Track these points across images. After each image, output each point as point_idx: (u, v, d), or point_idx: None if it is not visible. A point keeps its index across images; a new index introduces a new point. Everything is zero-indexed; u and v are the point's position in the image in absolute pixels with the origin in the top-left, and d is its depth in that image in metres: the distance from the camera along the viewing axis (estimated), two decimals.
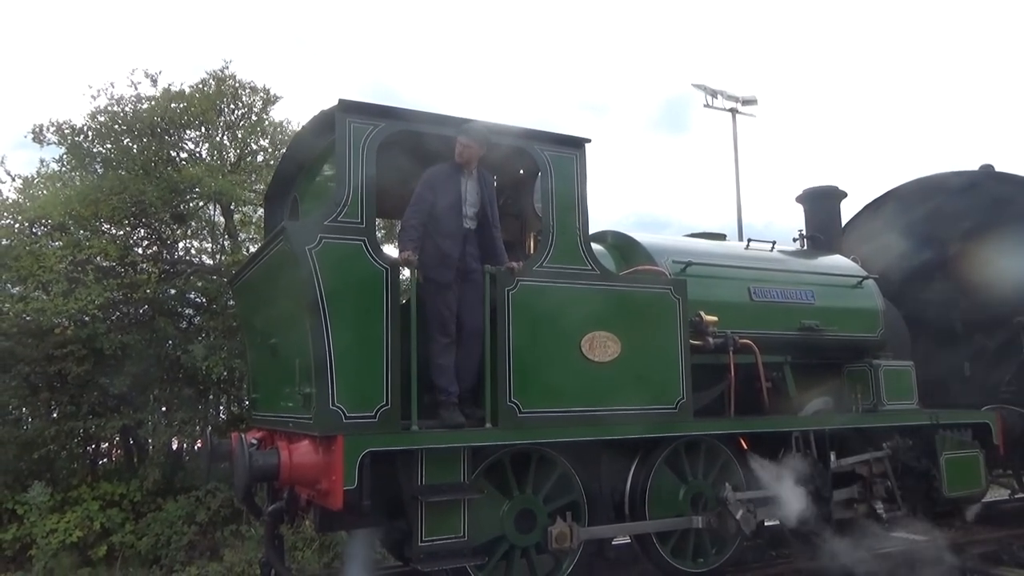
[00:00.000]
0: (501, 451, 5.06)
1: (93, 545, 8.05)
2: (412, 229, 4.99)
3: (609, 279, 5.43)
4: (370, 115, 4.81)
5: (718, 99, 22.32)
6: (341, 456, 4.33)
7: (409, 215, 5.04)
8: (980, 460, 6.88)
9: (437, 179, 5.13)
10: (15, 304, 8.43)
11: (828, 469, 6.25)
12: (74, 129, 9.64)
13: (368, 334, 4.56)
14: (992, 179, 8.52)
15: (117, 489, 8.54)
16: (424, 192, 5.07)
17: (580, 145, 5.45)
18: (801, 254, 7.49)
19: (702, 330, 5.85)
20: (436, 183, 5.11)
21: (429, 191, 5.08)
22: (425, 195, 5.06)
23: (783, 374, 6.58)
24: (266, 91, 10.37)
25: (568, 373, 5.07)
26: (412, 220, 5.01)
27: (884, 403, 6.58)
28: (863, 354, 6.87)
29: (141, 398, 8.94)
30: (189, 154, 10.15)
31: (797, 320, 6.53)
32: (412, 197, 5.10)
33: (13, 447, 8.32)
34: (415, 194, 5.09)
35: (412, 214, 5.03)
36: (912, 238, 8.53)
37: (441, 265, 5.03)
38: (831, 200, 8.14)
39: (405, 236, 4.99)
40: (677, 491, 5.75)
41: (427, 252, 4.99)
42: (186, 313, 9.97)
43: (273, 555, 5.37)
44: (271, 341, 5.40)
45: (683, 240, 7.02)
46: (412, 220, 5.01)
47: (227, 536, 8.32)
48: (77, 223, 9.01)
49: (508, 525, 5.10)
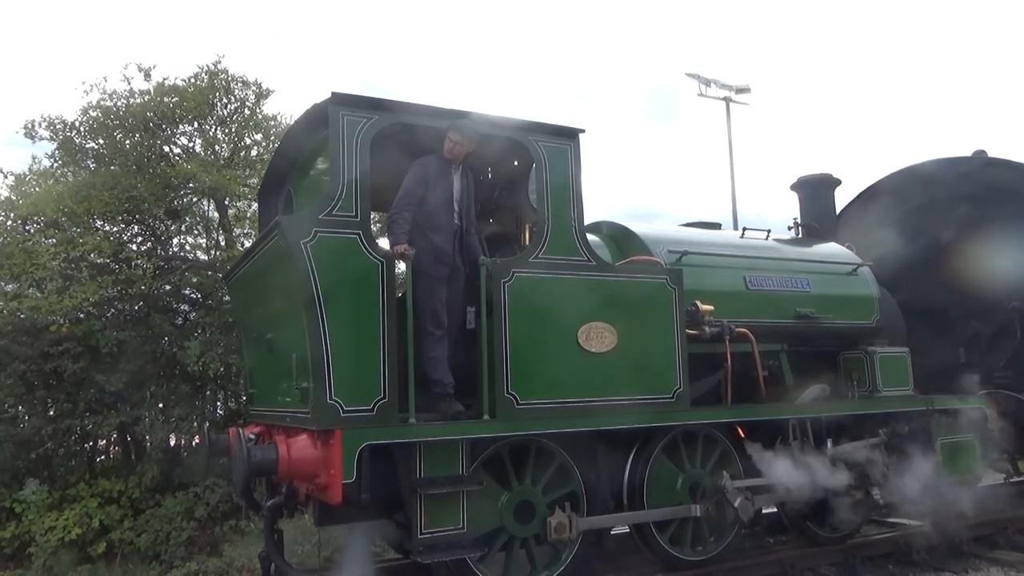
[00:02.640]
0: (499, 443, 5.07)
1: (92, 542, 8.04)
2: (404, 221, 4.96)
3: (605, 270, 5.43)
4: (363, 108, 4.79)
5: (712, 88, 22.31)
6: (339, 450, 4.34)
7: (400, 207, 5.00)
8: (976, 445, 6.92)
9: (429, 173, 5.10)
10: (9, 302, 8.39)
11: (825, 456, 6.28)
12: (66, 124, 9.56)
13: (364, 328, 4.56)
14: (986, 165, 8.53)
15: (115, 486, 8.53)
16: (414, 185, 5.04)
17: (574, 136, 5.44)
18: (796, 242, 7.50)
19: (698, 319, 5.85)
20: (428, 177, 5.08)
21: (420, 185, 5.04)
22: (415, 188, 5.03)
23: (779, 362, 6.60)
24: (258, 85, 10.30)
25: (565, 364, 5.07)
26: (404, 212, 4.98)
27: (880, 390, 6.60)
28: (859, 341, 6.90)
29: (138, 395, 8.91)
30: (182, 149, 10.09)
31: (793, 308, 6.54)
32: (401, 189, 5.06)
33: (10, 445, 8.30)
34: (404, 186, 5.06)
35: (403, 206, 4.99)
36: (906, 225, 8.54)
37: (436, 261, 5.04)
38: (825, 188, 8.15)
39: (397, 228, 4.95)
40: (675, 480, 5.78)
41: (418, 247, 4.96)
42: (181, 309, 9.93)
43: (273, 549, 5.38)
44: (267, 336, 5.39)
45: (678, 230, 7.03)
46: (404, 212, 4.98)
47: (226, 531, 8.33)
48: (70, 220, 8.95)
49: (507, 516, 5.12)
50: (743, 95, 22.66)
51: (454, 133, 5.05)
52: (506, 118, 5.28)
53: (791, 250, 7.12)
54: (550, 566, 5.31)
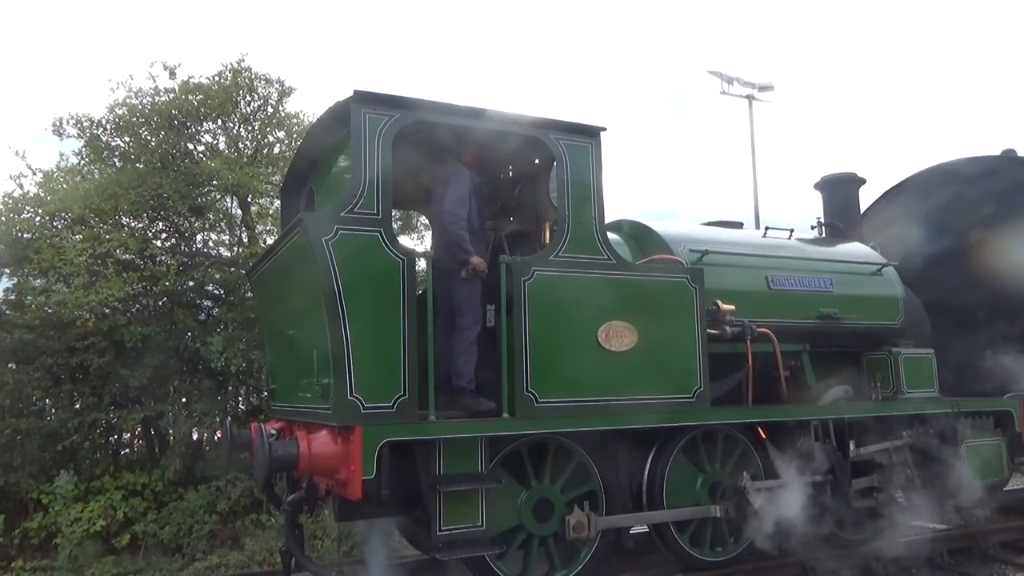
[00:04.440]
0: (518, 441, 5.07)
1: (117, 534, 8.17)
2: (465, 231, 5.15)
3: (625, 268, 5.41)
4: (385, 105, 4.81)
5: (734, 85, 22.13)
6: (359, 446, 4.36)
7: (458, 216, 5.16)
8: (1003, 448, 6.81)
9: (473, 182, 5.36)
10: (37, 296, 8.53)
11: (847, 458, 6.22)
12: (93, 122, 9.71)
13: (385, 325, 4.58)
14: (1014, 164, 8.39)
15: (139, 479, 8.66)
16: (469, 196, 5.27)
17: (596, 134, 5.42)
18: (819, 242, 7.42)
19: (719, 319, 5.81)
20: (474, 186, 5.35)
21: (472, 195, 5.30)
22: (469, 199, 5.27)
23: (801, 363, 6.53)
24: (281, 83, 10.40)
25: (584, 363, 5.07)
26: (463, 222, 5.16)
27: (904, 391, 6.51)
28: (883, 342, 6.81)
29: (161, 390, 9.04)
30: (206, 147, 10.20)
31: (815, 308, 6.47)
32: (455, 195, 5.21)
33: (37, 438, 8.44)
34: (460, 195, 5.22)
35: (461, 215, 5.17)
36: (932, 224, 8.41)
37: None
38: (849, 187, 8.06)
39: (468, 245, 5.11)
40: (695, 480, 5.75)
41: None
42: (204, 305, 10.04)
43: (293, 544, 5.42)
44: (289, 333, 5.43)
45: (700, 228, 6.98)
46: (463, 222, 5.16)
47: (247, 525, 8.42)
48: (97, 216, 9.09)
49: (526, 514, 5.13)
50: (766, 93, 22.47)
51: (474, 145, 5.33)
52: (528, 116, 5.27)
53: (814, 250, 7.04)
54: (568, 564, 5.30)
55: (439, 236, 5.55)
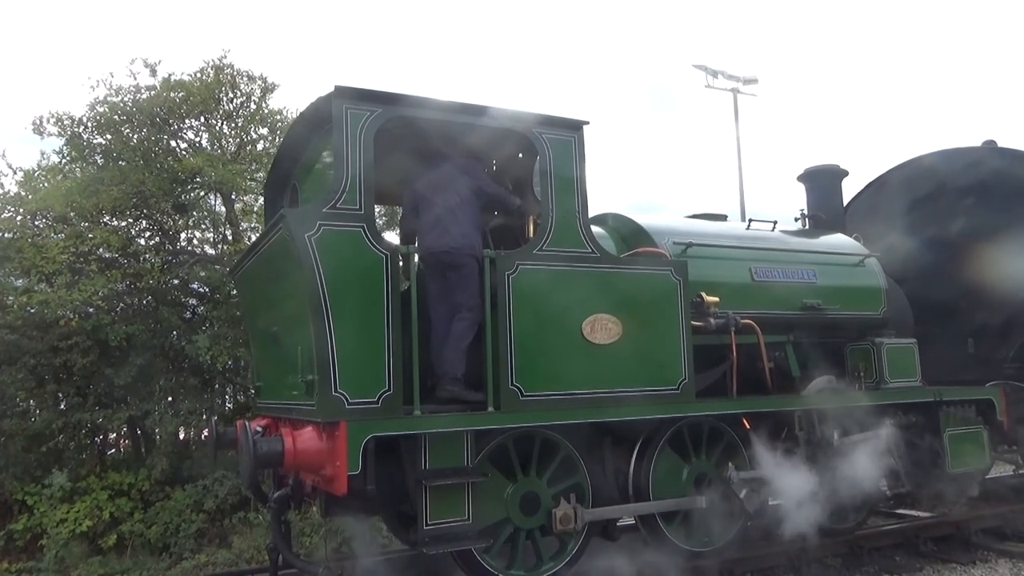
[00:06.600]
0: (504, 435, 5.08)
1: (103, 534, 8.13)
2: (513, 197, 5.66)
3: (609, 261, 5.42)
4: (366, 101, 4.79)
5: (719, 79, 22.21)
6: (345, 442, 4.36)
7: (503, 192, 5.63)
8: (984, 436, 6.88)
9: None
10: (19, 296, 8.46)
11: (831, 447, 6.26)
12: (74, 120, 9.62)
13: (369, 320, 4.57)
14: (995, 155, 8.46)
15: (125, 479, 8.62)
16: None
17: (578, 128, 5.42)
18: (803, 233, 7.46)
19: (703, 311, 5.84)
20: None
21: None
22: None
23: (785, 354, 6.58)
24: (264, 79, 10.33)
25: (570, 356, 5.08)
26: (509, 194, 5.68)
27: (887, 381, 6.56)
28: (866, 332, 6.86)
29: (147, 389, 8.99)
30: (189, 144, 10.14)
31: (799, 299, 6.51)
32: (493, 186, 5.50)
33: (21, 439, 8.38)
34: (496, 187, 5.55)
35: (504, 192, 5.65)
36: (914, 215, 8.49)
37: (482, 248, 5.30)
38: (833, 179, 8.09)
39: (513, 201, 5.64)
40: (680, 472, 5.78)
41: (474, 239, 5.18)
42: (189, 303, 10.00)
43: (280, 541, 5.41)
44: (273, 329, 5.42)
45: (684, 221, 7.00)
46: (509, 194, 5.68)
47: (235, 523, 8.39)
48: (79, 215, 9.02)
49: (512, 508, 5.14)
50: (750, 86, 22.56)
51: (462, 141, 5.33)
52: (510, 111, 5.27)
53: (797, 241, 7.08)
54: (556, 557, 5.33)
55: (441, 230, 5.23)
